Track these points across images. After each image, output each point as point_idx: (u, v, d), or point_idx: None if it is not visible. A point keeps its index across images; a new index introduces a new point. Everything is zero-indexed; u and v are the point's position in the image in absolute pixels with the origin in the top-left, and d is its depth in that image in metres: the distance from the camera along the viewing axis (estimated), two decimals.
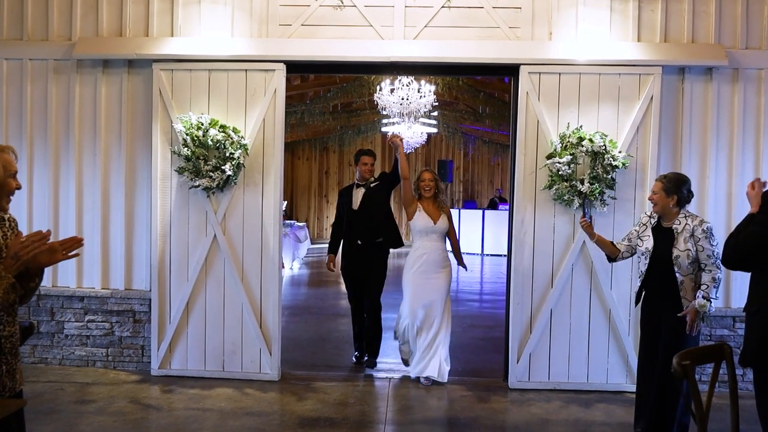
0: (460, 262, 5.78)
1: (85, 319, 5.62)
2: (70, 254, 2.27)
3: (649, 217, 4.28)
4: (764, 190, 3.15)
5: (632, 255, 4.40)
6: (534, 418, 4.70)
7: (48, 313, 5.62)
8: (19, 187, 2.32)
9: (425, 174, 5.65)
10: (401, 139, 5.66)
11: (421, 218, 5.47)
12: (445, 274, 5.46)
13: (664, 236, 4.09)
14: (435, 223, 5.46)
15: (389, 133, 5.53)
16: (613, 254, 4.40)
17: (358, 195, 5.93)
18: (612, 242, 4.48)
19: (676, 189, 4.05)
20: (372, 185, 5.91)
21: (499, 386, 5.36)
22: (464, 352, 6.38)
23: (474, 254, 15.22)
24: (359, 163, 5.99)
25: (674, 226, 4.05)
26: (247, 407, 4.79)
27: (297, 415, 4.63)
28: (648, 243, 4.16)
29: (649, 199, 4.21)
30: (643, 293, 4.25)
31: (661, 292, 4.08)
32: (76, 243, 2.28)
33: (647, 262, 4.14)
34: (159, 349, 5.43)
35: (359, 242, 5.85)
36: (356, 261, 5.88)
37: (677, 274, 4.00)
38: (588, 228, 4.43)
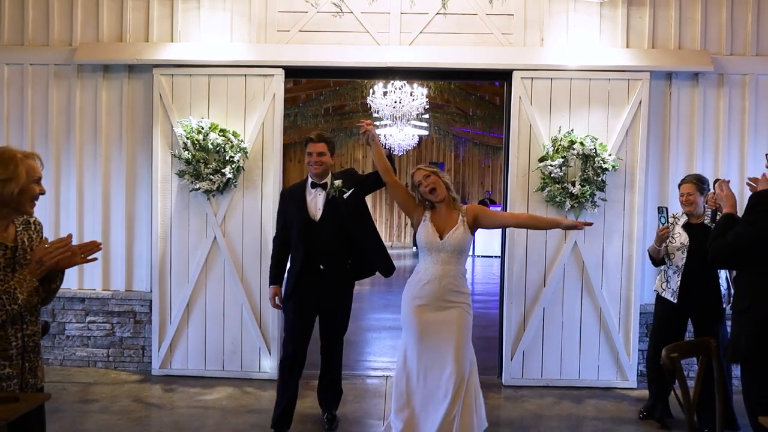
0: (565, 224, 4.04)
1: (86, 320, 5.69)
2: (89, 258, 2.37)
3: (674, 216, 4.49)
4: (757, 189, 3.28)
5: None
6: (528, 414, 4.83)
7: (49, 315, 5.68)
8: (43, 192, 2.38)
9: (418, 173, 3.88)
10: (372, 125, 4.08)
11: (424, 231, 3.84)
12: (458, 313, 3.91)
13: (698, 232, 4.30)
14: (441, 239, 3.80)
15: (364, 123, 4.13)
16: (659, 257, 4.55)
17: (315, 200, 4.27)
18: None
19: (704, 189, 4.32)
20: (345, 194, 4.23)
21: (494, 383, 5.47)
22: None
23: None
24: (306, 153, 4.29)
25: (706, 221, 4.31)
26: (247, 405, 4.89)
27: (297, 413, 4.70)
28: (681, 239, 4.37)
29: (685, 201, 4.37)
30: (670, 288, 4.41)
31: (700, 285, 4.27)
32: (95, 247, 2.39)
33: (684, 256, 4.33)
34: (160, 349, 5.51)
35: (321, 267, 4.24)
36: (314, 292, 4.24)
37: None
38: (665, 237, 4.41)
